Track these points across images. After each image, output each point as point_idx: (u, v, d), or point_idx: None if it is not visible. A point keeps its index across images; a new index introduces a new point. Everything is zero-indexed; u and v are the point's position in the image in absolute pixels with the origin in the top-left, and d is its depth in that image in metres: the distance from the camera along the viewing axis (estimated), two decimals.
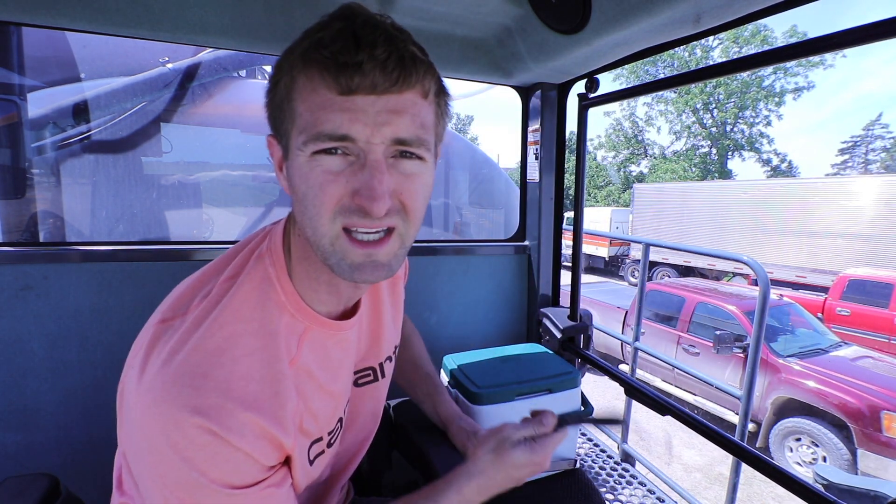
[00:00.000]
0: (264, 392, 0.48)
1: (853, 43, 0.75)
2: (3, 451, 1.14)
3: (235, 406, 0.45)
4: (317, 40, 0.43)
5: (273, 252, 0.53)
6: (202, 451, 0.43)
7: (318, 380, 0.56)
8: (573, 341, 1.52)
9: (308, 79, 0.44)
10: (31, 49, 1.88)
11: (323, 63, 0.43)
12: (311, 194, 0.45)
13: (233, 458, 0.45)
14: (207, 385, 0.44)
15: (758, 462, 0.95)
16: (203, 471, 0.44)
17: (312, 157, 0.45)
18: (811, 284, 9.50)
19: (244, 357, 0.47)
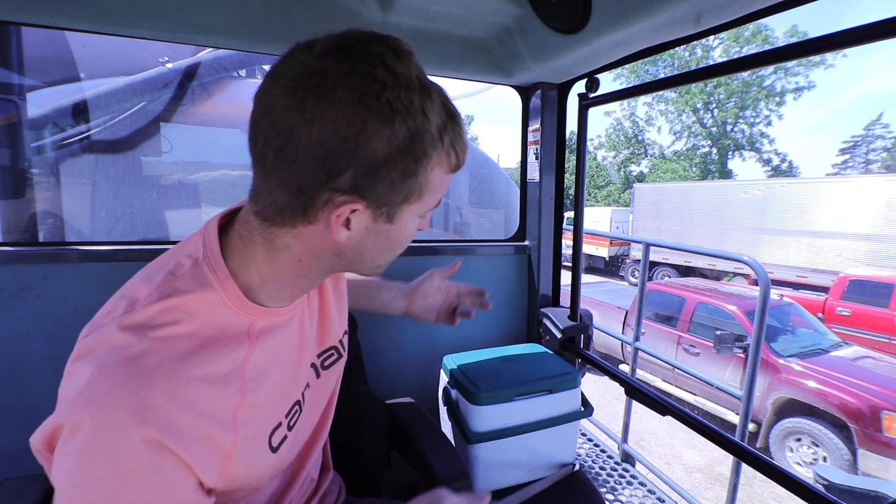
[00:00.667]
0: (207, 391, 0.48)
1: (853, 43, 0.75)
2: (3, 451, 1.14)
3: (176, 406, 0.45)
4: (457, 132, 0.51)
5: (211, 257, 0.53)
6: (146, 465, 0.42)
7: (270, 368, 0.57)
8: (573, 341, 1.52)
9: (448, 163, 0.52)
10: (31, 49, 1.88)
11: (453, 154, 0.52)
12: (403, 242, 0.57)
13: (173, 471, 0.44)
14: (145, 385, 0.44)
15: (758, 462, 0.95)
16: (139, 490, 0.42)
17: (417, 217, 0.56)
18: (811, 284, 9.50)
19: (181, 356, 0.47)
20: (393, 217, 0.52)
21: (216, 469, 0.49)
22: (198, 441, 0.46)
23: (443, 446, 0.97)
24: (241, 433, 0.52)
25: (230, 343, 0.52)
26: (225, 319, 0.52)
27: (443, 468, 0.90)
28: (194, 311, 0.50)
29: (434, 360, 1.41)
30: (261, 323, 0.56)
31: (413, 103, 0.46)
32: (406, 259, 1.54)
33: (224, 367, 0.51)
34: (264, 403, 0.56)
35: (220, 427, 0.49)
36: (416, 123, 0.46)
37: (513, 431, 1.18)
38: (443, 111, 0.49)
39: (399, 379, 1.55)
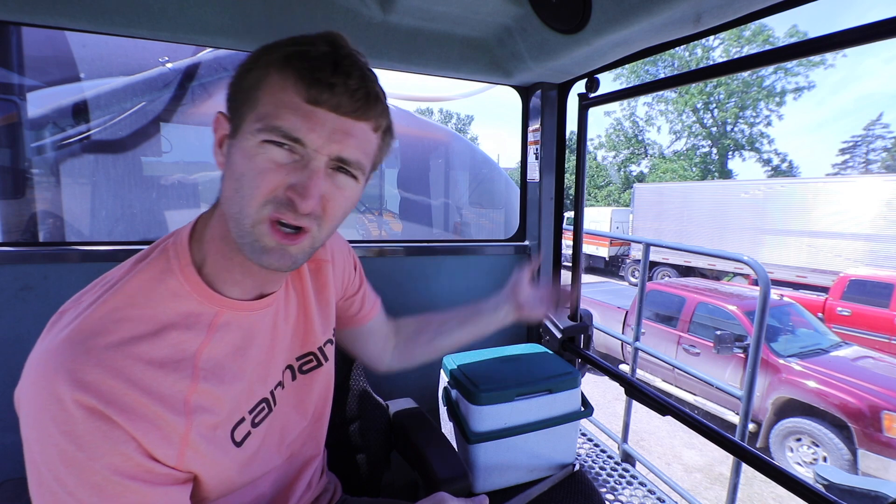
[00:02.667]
0: (153, 374, 0.49)
1: (853, 43, 0.75)
2: (3, 451, 1.14)
3: (120, 384, 0.46)
4: (301, 51, 0.49)
5: (178, 244, 0.56)
6: (82, 426, 0.44)
7: (230, 362, 0.58)
8: (573, 341, 1.52)
9: (282, 78, 0.49)
10: (31, 49, 1.88)
11: (301, 71, 0.48)
12: (249, 175, 0.49)
13: (115, 439, 0.46)
14: (88, 360, 0.45)
15: (758, 462, 0.95)
16: (81, 446, 0.44)
17: (261, 144, 0.48)
18: (811, 284, 9.49)
19: (134, 337, 0.49)
20: (238, 131, 0.51)
21: (174, 449, 0.50)
22: (145, 419, 0.48)
23: (442, 447, 0.97)
24: (196, 419, 0.52)
25: (187, 331, 0.53)
26: (187, 307, 0.54)
27: (442, 469, 0.90)
28: (154, 297, 0.52)
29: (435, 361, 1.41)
30: (226, 315, 0.57)
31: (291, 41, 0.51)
32: (406, 259, 1.55)
33: (175, 354, 0.52)
34: (222, 395, 0.56)
35: (169, 409, 0.50)
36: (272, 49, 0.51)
37: (513, 431, 1.18)
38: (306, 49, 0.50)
39: (399, 379, 1.54)
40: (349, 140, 0.51)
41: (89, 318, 0.48)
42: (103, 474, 0.45)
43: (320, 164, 0.50)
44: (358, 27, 1.20)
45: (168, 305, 0.53)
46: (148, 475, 0.48)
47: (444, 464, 0.91)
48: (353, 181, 0.54)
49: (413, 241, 1.61)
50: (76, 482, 0.44)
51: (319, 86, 0.48)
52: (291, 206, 0.49)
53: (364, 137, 0.52)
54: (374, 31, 1.22)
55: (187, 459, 0.52)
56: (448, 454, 0.95)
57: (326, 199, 0.52)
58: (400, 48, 1.25)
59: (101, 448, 0.45)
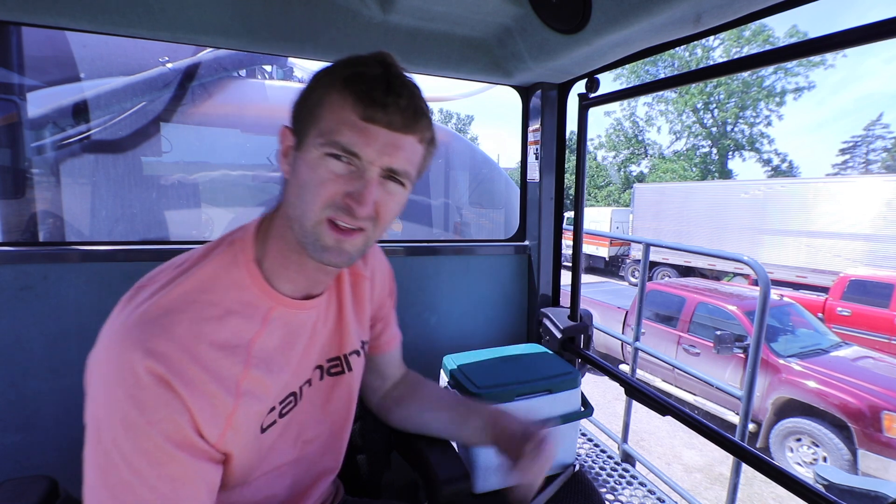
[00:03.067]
0: (214, 355, 0.55)
1: (853, 43, 0.75)
2: (3, 451, 1.14)
3: (186, 358, 0.52)
4: (358, 73, 0.55)
5: (244, 240, 0.62)
6: (148, 393, 0.49)
7: (277, 354, 0.63)
8: (573, 341, 1.52)
9: (341, 98, 0.55)
10: (31, 49, 1.88)
11: (358, 93, 0.54)
12: (312, 184, 0.55)
13: (174, 409, 0.51)
14: (161, 334, 0.51)
15: (758, 462, 0.95)
16: (143, 411, 0.49)
17: (323, 157, 0.55)
18: (811, 284, 9.50)
19: (201, 319, 0.55)
20: (302, 144, 0.57)
21: (218, 428, 0.55)
22: (202, 395, 0.53)
23: (443, 447, 0.97)
24: (243, 402, 0.57)
25: (246, 320, 0.59)
26: (248, 297, 0.60)
27: (443, 469, 0.90)
28: (221, 286, 0.58)
29: (434, 360, 1.41)
30: (278, 311, 0.63)
31: (348, 62, 0.57)
32: (407, 259, 1.55)
33: (234, 339, 0.57)
34: (268, 383, 0.61)
35: (223, 389, 0.55)
36: (332, 71, 0.57)
37: None
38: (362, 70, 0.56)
39: None
40: (399, 153, 0.57)
41: (164, 298, 0.54)
42: (156, 441, 0.50)
43: (374, 174, 0.56)
44: (358, 27, 1.20)
45: (232, 294, 0.59)
46: (192, 449, 0.53)
47: (444, 464, 0.91)
48: (401, 188, 0.60)
49: (413, 241, 1.61)
50: (131, 446, 0.49)
51: (374, 105, 0.54)
52: (349, 210, 0.56)
53: (412, 149, 0.59)
54: (374, 31, 1.22)
55: (227, 439, 0.57)
56: (448, 454, 0.95)
57: (379, 203, 0.58)
58: (400, 48, 1.25)
59: (160, 414, 0.50)
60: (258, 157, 2.60)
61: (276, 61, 3.17)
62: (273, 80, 3.07)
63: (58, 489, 0.63)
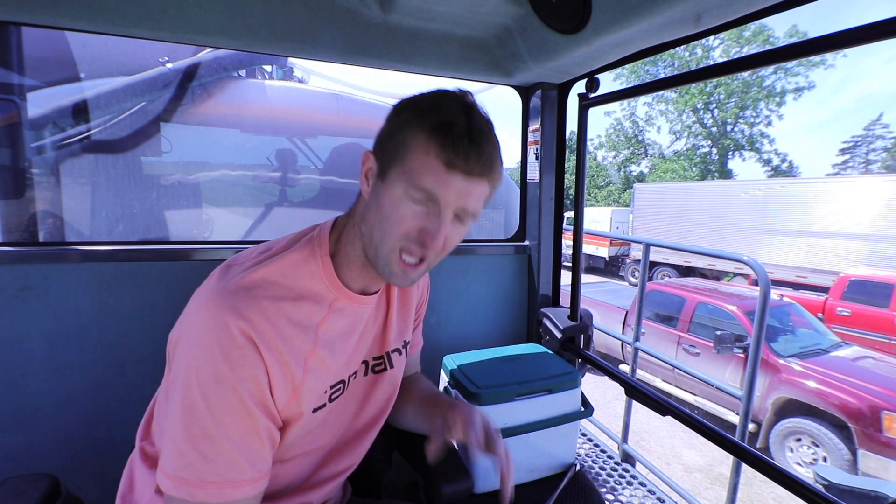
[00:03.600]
0: (290, 329, 0.62)
1: (853, 43, 0.75)
2: (3, 451, 1.14)
3: (269, 327, 0.59)
4: (445, 124, 0.60)
5: (321, 238, 0.70)
6: (238, 350, 0.57)
7: (338, 340, 0.70)
8: (573, 341, 1.52)
9: (427, 145, 0.60)
10: (31, 49, 1.88)
11: (444, 144, 0.59)
12: (394, 217, 0.62)
13: (257, 368, 0.58)
14: (252, 304, 0.59)
15: (758, 462, 0.95)
16: (233, 366, 0.56)
17: (405, 196, 0.61)
18: (811, 284, 9.49)
19: (281, 297, 0.63)
20: (385, 174, 0.63)
21: (286, 396, 0.62)
22: (280, 361, 0.60)
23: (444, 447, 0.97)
24: (310, 377, 0.65)
25: (315, 306, 0.67)
26: (317, 287, 0.68)
27: (443, 469, 0.90)
28: (299, 274, 0.66)
29: (435, 361, 1.41)
30: (341, 303, 0.70)
31: (435, 105, 0.63)
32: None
33: (306, 320, 0.65)
34: (330, 365, 0.69)
35: (295, 361, 0.62)
36: (421, 115, 0.62)
37: (513, 431, 1.18)
38: (448, 120, 0.61)
39: None
40: (471, 197, 0.63)
41: (252, 276, 0.62)
42: (240, 395, 0.57)
43: (448, 215, 0.63)
44: (358, 27, 1.20)
45: (306, 282, 0.67)
46: (265, 408, 0.60)
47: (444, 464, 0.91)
48: (465, 226, 0.68)
49: None
50: (216, 397, 0.56)
51: (457, 157, 0.60)
52: (422, 243, 0.63)
53: (482, 193, 0.65)
54: (374, 31, 1.22)
55: (291, 409, 0.64)
56: (449, 454, 0.95)
57: (448, 238, 0.65)
58: (400, 48, 1.25)
59: (246, 372, 0.57)
60: (258, 157, 2.60)
61: (276, 61, 3.17)
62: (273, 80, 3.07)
63: (59, 487, 0.63)
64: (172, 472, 0.56)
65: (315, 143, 2.78)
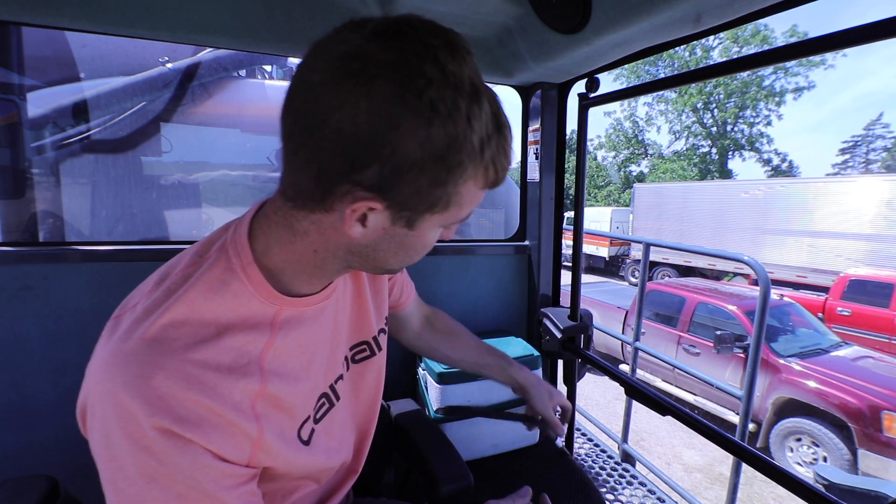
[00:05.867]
0: (221, 382, 0.47)
1: (853, 43, 0.75)
2: (3, 451, 1.14)
3: (189, 395, 0.44)
4: (503, 149, 0.48)
5: (237, 244, 0.52)
6: (160, 444, 0.43)
7: (295, 359, 0.57)
8: (573, 341, 1.52)
9: (485, 177, 0.48)
10: (31, 49, 1.88)
11: (491, 169, 0.48)
12: (419, 249, 0.54)
13: (193, 454, 0.45)
14: (159, 374, 0.44)
15: (758, 462, 0.95)
16: (161, 461, 0.44)
17: (438, 228, 0.52)
18: (812, 284, 9.49)
19: (198, 342, 0.47)
20: (413, 224, 0.48)
21: (245, 454, 0.49)
22: (219, 429, 0.46)
23: (443, 446, 0.97)
24: (266, 423, 0.51)
25: (250, 332, 0.51)
26: (248, 308, 0.51)
27: (443, 469, 0.90)
28: (217, 301, 0.49)
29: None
30: (287, 312, 0.55)
31: (458, 107, 0.42)
32: None
33: (241, 358, 0.50)
34: (291, 395, 0.55)
35: (242, 416, 0.48)
36: (456, 130, 0.42)
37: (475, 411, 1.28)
38: (491, 121, 0.45)
39: (401, 381, 1.55)
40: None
41: (151, 329, 0.46)
42: (186, 484, 0.45)
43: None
44: None
45: (229, 307, 0.50)
46: (227, 479, 0.48)
47: (444, 464, 0.91)
48: None
49: None
50: (160, 493, 0.44)
51: (498, 182, 0.50)
52: None
53: None
54: None
55: (259, 460, 0.51)
56: (449, 454, 0.95)
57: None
58: None
59: (181, 462, 0.44)
60: (258, 157, 2.60)
61: (276, 61, 3.16)
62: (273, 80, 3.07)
63: (59, 488, 0.63)
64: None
65: None
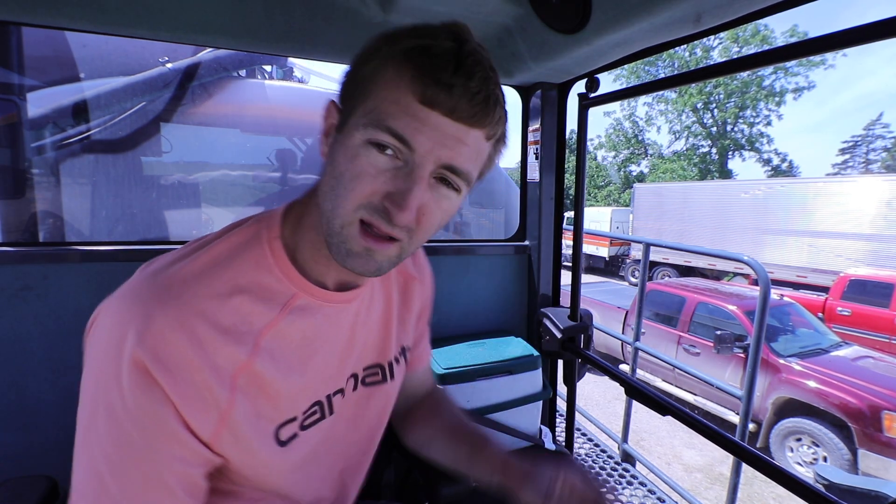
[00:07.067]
0: (214, 339, 0.47)
1: (853, 43, 0.75)
2: (3, 451, 1.14)
3: (180, 339, 0.45)
4: (423, 46, 0.45)
5: (271, 217, 0.54)
6: (130, 378, 0.43)
7: (294, 351, 0.54)
8: (573, 341, 1.52)
9: (398, 74, 0.45)
10: (31, 49, 1.88)
11: (419, 69, 0.44)
12: (347, 176, 0.46)
13: (155, 397, 0.44)
14: (162, 311, 0.45)
15: (758, 462, 0.95)
16: (124, 397, 0.43)
17: (365, 144, 0.45)
18: (812, 284, 9.49)
19: (209, 295, 0.47)
20: (344, 125, 0.48)
21: (209, 425, 0.48)
22: (191, 386, 0.45)
23: None
24: (239, 398, 0.49)
25: (260, 303, 0.51)
26: (265, 280, 0.51)
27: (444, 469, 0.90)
28: (238, 260, 0.51)
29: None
30: (303, 300, 0.54)
31: (415, 32, 0.48)
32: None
33: (241, 324, 0.49)
34: (276, 383, 0.52)
35: (217, 380, 0.47)
36: (394, 41, 0.48)
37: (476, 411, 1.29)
38: (428, 43, 0.47)
39: None
40: (461, 148, 0.46)
41: (174, 271, 0.48)
42: (135, 432, 0.44)
43: (425, 172, 0.46)
44: (358, 27, 1.20)
45: (247, 271, 0.50)
46: (177, 446, 0.46)
47: None
48: (454, 193, 0.49)
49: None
50: (106, 426, 0.44)
51: (437, 86, 0.44)
52: (386, 215, 0.46)
53: (476, 146, 0.48)
54: (374, 32, 1.21)
55: (223, 440, 0.49)
56: None
57: (423, 211, 0.48)
58: None
59: (140, 403, 0.44)
60: (258, 157, 2.60)
61: (276, 61, 3.17)
62: (273, 80, 3.07)
63: (58, 489, 0.63)
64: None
65: (315, 143, 2.78)
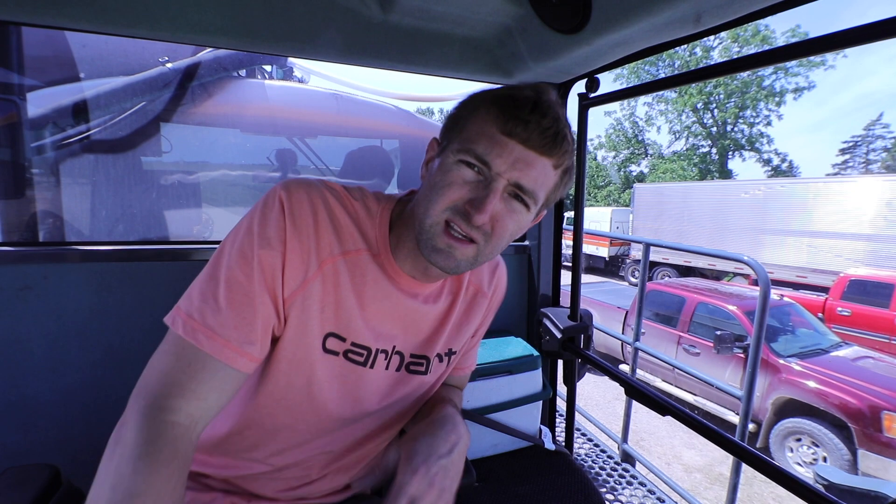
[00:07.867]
0: (326, 224, 0.62)
1: (853, 43, 0.75)
2: (3, 451, 1.14)
3: (307, 206, 0.61)
4: (509, 94, 0.59)
5: (391, 197, 0.71)
6: (271, 211, 0.60)
7: (358, 289, 0.65)
8: (573, 341, 1.52)
9: (487, 112, 0.59)
10: (31, 49, 1.88)
11: (503, 108, 0.58)
12: (440, 185, 0.59)
13: (279, 231, 0.59)
14: (307, 186, 0.62)
15: (758, 462, 0.95)
16: (260, 222, 0.59)
17: (457, 163, 0.59)
18: (812, 284, 9.50)
19: (339, 203, 0.65)
20: (442, 153, 0.62)
21: (294, 283, 0.60)
22: (299, 239, 0.60)
23: None
24: (318, 281, 0.62)
25: (356, 233, 0.66)
26: (367, 228, 0.67)
27: None
28: (362, 201, 0.67)
29: None
30: (382, 259, 0.67)
31: (506, 90, 0.61)
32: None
33: (344, 231, 0.64)
34: (344, 292, 0.64)
35: (315, 253, 0.62)
36: (487, 94, 0.62)
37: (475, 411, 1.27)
38: (515, 93, 0.60)
39: None
40: (530, 170, 0.58)
41: (328, 180, 0.66)
42: (253, 248, 0.58)
43: (499, 185, 0.58)
44: (358, 27, 1.20)
45: (359, 211, 0.67)
46: (269, 273, 0.58)
47: None
48: (524, 208, 0.61)
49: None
50: (238, 245, 0.59)
51: (515, 121, 0.57)
52: (466, 216, 0.58)
53: (544, 172, 0.60)
54: (374, 31, 1.22)
55: (295, 303, 0.61)
56: None
57: (496, 217, 0.60)
58: (400, 48, 1.25)
59: (269, 230, 0.59)
60: (258, 157, 2.59)
61: (276, 61, 3.16)
62: (273, 80, 3.07)
63: (60, 477, 0.63)
64: (186, 310, 0.56)
65: (315, 143, 2.78)
